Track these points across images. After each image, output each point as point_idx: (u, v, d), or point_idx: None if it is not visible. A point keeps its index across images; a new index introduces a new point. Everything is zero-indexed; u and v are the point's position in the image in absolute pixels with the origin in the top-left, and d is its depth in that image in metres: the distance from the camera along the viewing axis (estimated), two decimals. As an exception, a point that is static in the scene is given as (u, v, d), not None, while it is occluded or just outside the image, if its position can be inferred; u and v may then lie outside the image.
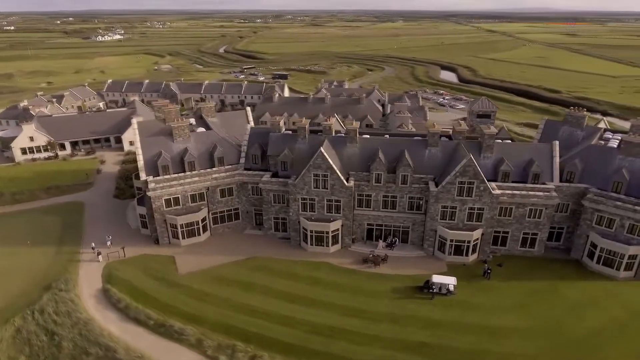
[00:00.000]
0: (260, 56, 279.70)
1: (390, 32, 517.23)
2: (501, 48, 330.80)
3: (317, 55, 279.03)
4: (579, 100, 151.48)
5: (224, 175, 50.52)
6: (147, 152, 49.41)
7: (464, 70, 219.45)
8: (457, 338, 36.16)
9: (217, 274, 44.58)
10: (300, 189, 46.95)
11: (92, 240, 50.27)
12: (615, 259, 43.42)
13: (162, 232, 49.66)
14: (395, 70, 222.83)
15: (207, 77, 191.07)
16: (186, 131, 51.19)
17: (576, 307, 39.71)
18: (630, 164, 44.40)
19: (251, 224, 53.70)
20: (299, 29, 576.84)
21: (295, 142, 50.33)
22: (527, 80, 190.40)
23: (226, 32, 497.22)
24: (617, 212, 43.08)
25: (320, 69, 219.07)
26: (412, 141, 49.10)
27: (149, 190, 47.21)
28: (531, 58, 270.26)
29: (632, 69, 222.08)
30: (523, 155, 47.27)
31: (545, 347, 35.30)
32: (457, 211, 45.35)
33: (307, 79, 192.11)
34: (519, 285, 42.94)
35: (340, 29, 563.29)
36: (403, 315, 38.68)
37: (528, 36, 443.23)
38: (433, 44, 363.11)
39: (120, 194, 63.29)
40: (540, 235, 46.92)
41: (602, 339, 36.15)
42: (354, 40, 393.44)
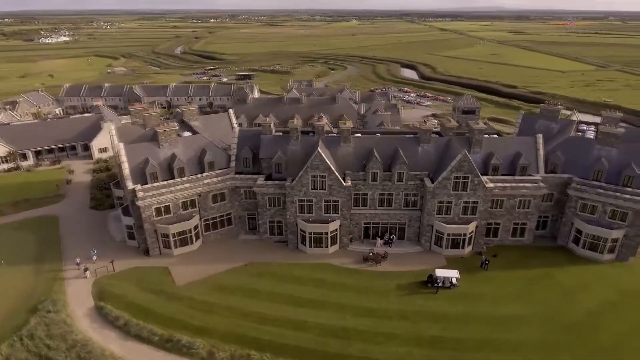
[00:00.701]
0: (220, 57, 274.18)
1: (346, 31, 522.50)
2: (456, 46, 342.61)
3: (278, 55, 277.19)
4: (535, 95, 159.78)
5: (216, 181, 48.93)
6: (132, 160, 46.94)
7: (424, 68, 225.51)
8: (468, 329, 37.03)
9: (217, 282, 43.13)
10: (297, 191, 46.32)
11: (75, 255, 47.15)
12: (599, 243, 46.08)
13: (153, 242, 47.39)
14: (358, 69, 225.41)
15: (166, 79, 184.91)
16: (173, 136, 49.11)
17: (570, 292, 41.75)
18: (607, 153, 47.20)
19: (245, 229, 52.38)
20: (256, 29, 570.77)
21: (287, 143, 49.59)
22: (484, 76, 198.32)
23: (180, 33, 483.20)
24: (599, 199, 45.70)
25: (284, 69, 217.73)
26: (404, 139, 49.70)
27: (138, 199, 44.88)
28: (486, 55, 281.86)
29: (578, 64, 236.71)
30: (510, 149, 49.09)
31: (548, 332, 36.86)
32: (453, 206, 46.43)
33: (272, 79, 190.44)
34: (515, 274, 44.59)
35: (297, 29, 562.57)
36: (412, 311, 39.11)
37: (479, 34, 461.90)
38: (391, 42, 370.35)
39: (97, 204, 59.78)
40: (530, 225, 48.97)
41: (597, 320, 38.23)
42: (312, 40, 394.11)
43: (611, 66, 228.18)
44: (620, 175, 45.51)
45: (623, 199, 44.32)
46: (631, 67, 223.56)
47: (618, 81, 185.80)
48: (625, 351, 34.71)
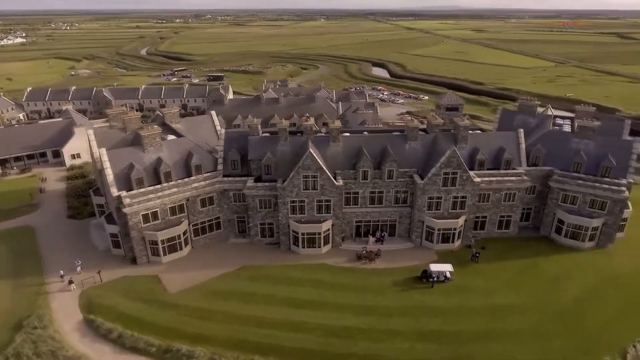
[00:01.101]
0: (188, 57, 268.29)
1: (315, 30, 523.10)
2: (423, 44, 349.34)
3: (248, 55, 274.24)
4: (501, 91, 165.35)
5: (204, 184, 47.83)
6: (115, 165, 45.17)
7: (395, 66, 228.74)
8: (465, 322, 37.84)
9: (211, 288, 42.17)
10: (289, 192, 45.93)
11: (57, 267, 45.02)
12: (581, 232, 48.13)
13: (141, 250, 45.81)
14: (329, 68, 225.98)
15: (134, 81, 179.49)
16: (157, 140, 47.62)
17: (556, 280, 43.40)
18: (585, 146, 49.35)
19: (234, 232, 51.48)
20: (222, 29, 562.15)
21: (276, 144, 49.07)
22: (452, 73, 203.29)
23: (144, 33, 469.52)
24: (580, 189, 47.74)
25: (255, 69, 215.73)
26: (392, 136, 50.22)
27: (125, 206, 43.24)
28: (451, 53, 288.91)
29: (539, 61, 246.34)
30: (493, 144, 50.48)
31: (540, 319, 38.19)
32: (443, 201, 47.31)
33: (244, 79, 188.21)
34: (504, 265, 45.91)
35: (264, 28, 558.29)
36: (411, 307, 39.59)
37: (443, 32, 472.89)
38: (359, 41, 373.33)
39: (75, 213, 57.20)
40: (515, 217, 50.58)
41: (584, 306, 39.90)
42: (281, 39, 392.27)
43: (569, 62, 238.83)
44: (598, 166, 47.68)
45: (602, 189, 46.46)
46: (586, 63, 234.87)
47: (576, 76, 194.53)
48: (612, 334, 36.32)
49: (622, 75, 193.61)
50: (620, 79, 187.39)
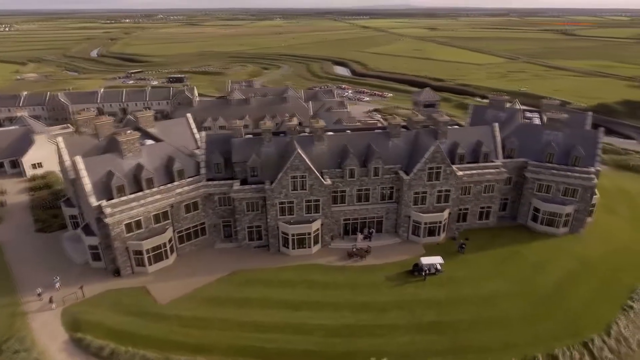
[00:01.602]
0: (143, 59, 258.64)
1: (272, 30, 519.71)
2: (380, 42, 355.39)
3: (206, 56, 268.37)
4: (461, 87, 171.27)
5: (188, 189, 46.36)
6: (93, 174, 42.84)
7: (356, 65, 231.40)
8: (460, 311, 39.02)
9: (204, 295, 41.00)
10: (278, 193, 45.43)
11: (32, 285, 42.11)
12: (555, 218, 50.84)
13: (124, 261, 43.74)
14: (291, 67, 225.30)
15: (88, 84, 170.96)
16: (136, 145, 45.59)
17: (538, 266, 45.61)
18: (555, 137, 52.14)
19: (220, 237, 50.27)
20: (176, 29, 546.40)
21: (260, 145, 48.36)
22: (412, 71, 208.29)
23: (92, 34, 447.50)
24: (553, 178, 50.42)
25: (215, 69, 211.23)
26: (375, 134, 50.83)
27: (106, 216, 41.12)
28: (409, 51, 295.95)
29: (491, 57, 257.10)
30: (471, 138, 52.26)
31: (527, 304, 40.03)
32: (428, 195, 48.48)
33: (205, 80, 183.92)
34: (487, 254, 47.69)
35: (220, 28, 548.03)
36: (407, 300, 40.31)
37: (399, 31, 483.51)
38: (318, 40, 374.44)
39: (44, 226, 53.72)
40: (494, 208, 52.66)
41: (566, 288, 42.20)
42: (238, 39, 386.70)
43: (519, 58, 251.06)
44: (568, 156, 50.52)
45: (574, 177, 49.30)
46: (535, 58, 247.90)
47: (527, 72, 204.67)
48: (594, 314, 38.66)
49: (568, 70, 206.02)
50: (567, 73, 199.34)
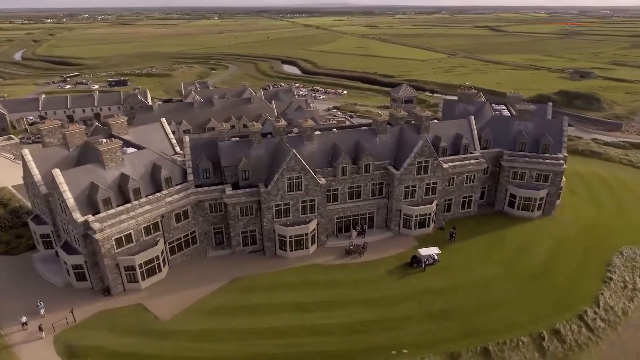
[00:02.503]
0: (76, 62, 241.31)
1: (211, 29, 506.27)
2: (323, 40, 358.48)
3: (147, 57, 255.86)
4: (411, 82, 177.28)
5: (178, 197, 44.16)
6: (74, 187, 39.50)
7: (305, 63, 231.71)
8: (463, 297, 40.70)
9: (208, 307, 39.37)
10: (274, 196, 44.60)
11: (11, 314, 38.11)
12: (530, 203, 54.45)
13: (115, 278, 40.83)
14: (240, 67, 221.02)
15: (18, 91, 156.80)
16: (118, 154, 42.63)
17: (522, 248, 48.60)
18: (525, 127, 55.75)
19: (212, 245, 48.43)
20: (106, 29, 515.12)
21: (249, 148, 47.15)
22: (361, 67, 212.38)
23: (11, 36, 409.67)
24: (527, 166, 53.91)
25: (160, 71, 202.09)
26: (362, 131, 51.42)
27: (95, 232, 38.11)
28: (353, 48, 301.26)
29: (432, 53, 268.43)
30: (451, 131, 54.48)
31: (520, 285, 42.54)
32: (417, 189, 49.91)
33: (151, 83, 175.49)
34: (475, 241, 50.03)
35: (155, 28, 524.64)
36: (412, 292, 41.34)
37: (340, 29, 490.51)
38: (261, 39, 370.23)
39: (9, 248, 48.69)
40: (475, 197, 55.34)
41: (550, 267, 45.34)
42: (177, 39, 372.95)
43: (458, 54, 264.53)
44: (538, 144, 54.22)
45: (545, 163, 53.03)
46: (471, 53, 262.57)
47: (468, 67, 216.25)
48: (581, 288, 41.92)
49: (504, 64, 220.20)
50: (503, 67, 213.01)
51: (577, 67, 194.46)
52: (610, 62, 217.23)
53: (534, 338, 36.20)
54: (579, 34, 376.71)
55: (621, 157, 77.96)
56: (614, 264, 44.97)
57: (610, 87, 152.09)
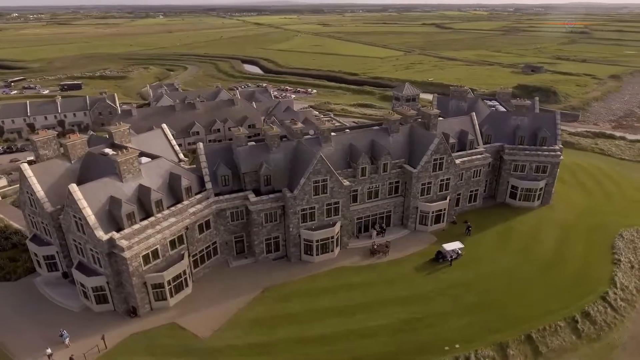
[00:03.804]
0: (16, 65, 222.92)
1: (158, 28, 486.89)
2: (278, 39, 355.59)
3: (95, 59, 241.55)
4: (375, 80, 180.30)
5: (201, 207, 42.10)
6: (94, 203, 36.54)
7: (266, 62, 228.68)
8: (493, 287, 42.10)
9: (247, 319, 37.95)
10: (300, 200, 43.68)
11: (30, 348, 34.66)
12: (531, 193, 57.24)
13: (143, 298, 38.25)
14: (199, 68, 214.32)
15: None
16: (136, 164, 39.90)
17: (532, 237, 51.06)
18: (522, 122, 58.46)
19: (232, 254, 46.67)
20: (42, 29, 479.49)
21: (268, 152, 45.84)
22: (324, 66, 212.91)
23: None
24: (527, 158, 56.59)
25: (115, 73, 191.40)
26: (376, 131, 51.60)
27: (123, 249, 35.47)
28: (310, 47, 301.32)
29: (389, 51, 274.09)
30: (456, 128, 56.01)
31: (541, 271, 44.70)
32: (432, 185, 50.88)
33: (107, 86, 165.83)
34: (488, 233, 51.93)
35: (97, 28, 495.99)
36: (444, 287, 42.15)
37: (293, 27, 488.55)
38: (214, 38, 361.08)
39: (5, 274, 44.16)
40: (480, 190, 57.32)
41: (562, 252, 47.91)
42: (124, 39, 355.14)
43: (413, 51, 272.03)
44: (535, 137, 57.06)
45: (544, 155, 55.94)
46: (426, 50, 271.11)
47: (425, 63, 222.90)
48: (595, 270, 44.66)
49: (458, 60, 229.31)
50: (458, 63, 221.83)
51: (527, 62, 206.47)
52: (554, 56, 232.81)
53: (569, 322, 38.16)
54: (519, 31, 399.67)
55: (593, 146, 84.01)
56: (617, 246, 48.31)
57: (561, 80, 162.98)
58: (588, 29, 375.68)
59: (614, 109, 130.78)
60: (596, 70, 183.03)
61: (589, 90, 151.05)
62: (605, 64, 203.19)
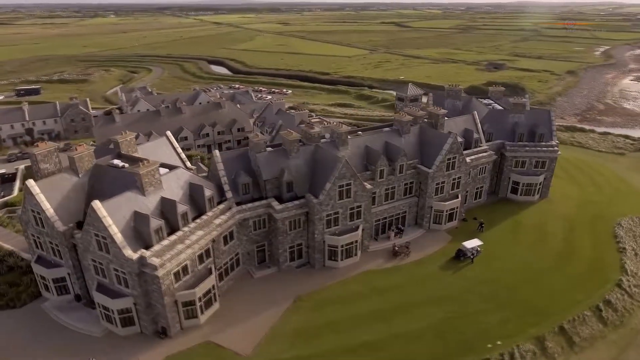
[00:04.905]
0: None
1: (111, 28, 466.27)
2: (241, 39, 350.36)
3: (50, 61, 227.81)
4: (348, 79, 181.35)
5: (226, 218, 40.38)
6: (118, 219, 34.16)
7: (234, 63, 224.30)
8: (518, 282, 43.17)
9: (287, 331, 36.83)
10: (325, 206, 42.92)
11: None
12: (531, 188, 59.40)
13: (173, 317, 36.17)
14: (164, 69, 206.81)
15: None
16: (157, 176, 37.66)
17: (540, 229, 52.94)
18: (519, 119, 60.52)
19: (254, 265, 45.19)
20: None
21: (287, 158, 44.69)
22: (294, 66, 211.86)
23: None
24: (527, 154, 58.67)
25: (75, 77, 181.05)
26: (388, 132, 51.60)
27: (156, 268, 33.35)
28: (274, 46, 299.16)
29: (355, 49, 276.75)
30: (460, 127, 57.10)
31: (557, 262, 46.40)
32: (445, 184, 51.61)
33: (70, 90, 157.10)
34: (498, 228, 53.34)
35: (43, 28, 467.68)
36: (472, 285, 42.84)
37: (252, 26, 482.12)
38: (173, 39, 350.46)
39: (9, 300, 40.38)
40: (485, 187, 58.80)
41: (571, 243, 49.95)
42: (77, 40, 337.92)
43: (379, 49, 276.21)
44: (533, 134, 59.24)
45: (543, 151, 58.18)
46: (390, 49, 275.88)
47: (393, 62, 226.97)
48: (605, 258, 46.95)
49: (423, 58, 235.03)
50: (423, 61, 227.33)
51: (489, 60, 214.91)
52: (512, 54, 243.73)
53: (594, 311, 39.83)
54: (475, 29, 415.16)
55: (571, 140, 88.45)
56: (619, 235, 51.04)
57: (525, 76, 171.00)
58: (568, 29, 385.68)
59: (576, 104, 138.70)
60: (553, 67, 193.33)
61: (551, 85, 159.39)
62: (559, 60, 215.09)
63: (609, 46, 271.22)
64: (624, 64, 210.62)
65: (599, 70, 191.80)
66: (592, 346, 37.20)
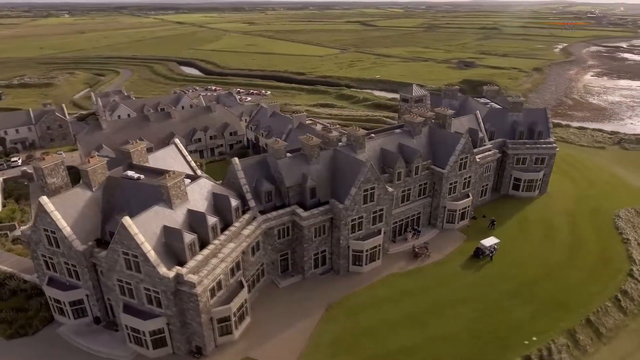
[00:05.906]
0: None
1: (66, 28, 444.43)
2: (207, 39, 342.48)
3: (5, 64, 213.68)
4: (324, 79, 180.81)
5: (253, 228, 39.05)
6: (149, 236, 32.29)
7: (205, 64, 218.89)
8: (538, 277, 44.43)
9: (325, 341, 36.13)
10: (351, 211, 42.40)
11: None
12: (532, 184, 61.30)
13: (209, 335, 34.60)
14: (133, 71, 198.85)
15: None
16: (183, 188, 35.91)
17: (546, 224, 54.69)
18: (518, 118, 62.28)
19: (277, 274, 44.04)
20: None
21: (308, 164, 43.84)
22: (264, 66, 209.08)
23: None
24: (528, 152, 60.48)
25: (37, 80, 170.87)
26: (401, 134, 51.67)
27: (195, 284, 31.74)
28: (243, 46, 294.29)
29: (325, 49, 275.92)
30: (465, 127, 58.05)
31: (569, 255, 48.12)
32: (457, 184, 52.31)
33: (33, 95, 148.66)
34: (508, 225, 54.62)
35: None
36: (496, 282, 43.70)
37: (217, 26, 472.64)
38: (137, 39, 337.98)
39: (19, 327, 37.29)
40: (490, 185, 60.09)
41: (578, 237, 51.90)
42: (30, 41, 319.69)
43: (349, 49, 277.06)
44: (531, 131, 61.13)
45: (542, 148, 60.14)
46: (360, 48, 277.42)
47: (365, 61, 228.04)
48: (612, 250, 49.04)
49: (394, 57, 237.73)
50: (394, 60, 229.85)
51: (459, 58, 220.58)
52: (478, 52, 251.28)
53: (613, 301, 41.51)
54: (438, 27, 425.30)
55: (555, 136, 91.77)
56: (620, 226, 53.50)
57: (496, 74, 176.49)
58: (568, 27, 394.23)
59: (547, 99, 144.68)
60: (520, 64, 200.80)
61: (521, 82, 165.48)
62: (524, 57, 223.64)
63: (566, 43, 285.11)
64: (583, 61, 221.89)
65: (562, 67, 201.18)
66: (617, 336, 38.77)
